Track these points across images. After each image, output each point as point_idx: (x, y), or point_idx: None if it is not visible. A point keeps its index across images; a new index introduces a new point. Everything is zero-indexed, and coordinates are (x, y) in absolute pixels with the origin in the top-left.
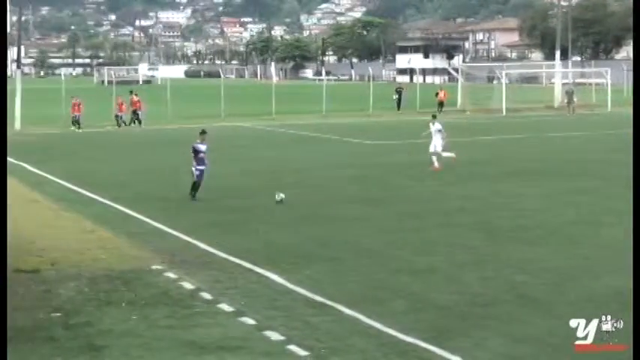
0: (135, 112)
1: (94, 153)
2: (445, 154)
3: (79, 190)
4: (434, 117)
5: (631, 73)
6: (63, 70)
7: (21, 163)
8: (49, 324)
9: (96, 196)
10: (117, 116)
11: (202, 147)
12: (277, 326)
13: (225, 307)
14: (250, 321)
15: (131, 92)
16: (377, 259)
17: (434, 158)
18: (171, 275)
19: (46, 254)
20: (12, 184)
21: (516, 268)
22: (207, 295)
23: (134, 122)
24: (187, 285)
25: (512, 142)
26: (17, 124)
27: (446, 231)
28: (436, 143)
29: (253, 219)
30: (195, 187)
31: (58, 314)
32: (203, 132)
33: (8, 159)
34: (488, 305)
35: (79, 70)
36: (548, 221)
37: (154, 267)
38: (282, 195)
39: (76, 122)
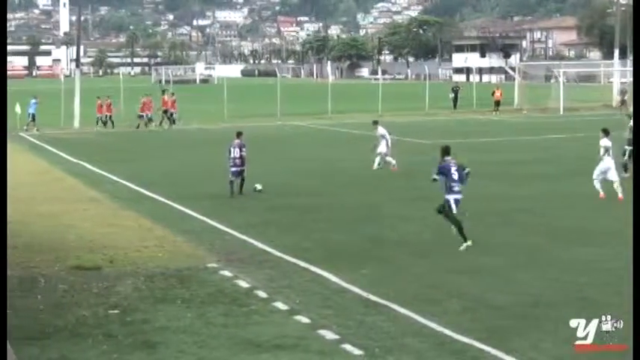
0: (166, 112)
1: (150, 152)
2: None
3: (137, 188)
4: (375, 122)
5: None
6: (121, 70)
7: (80, 162)
8: (107, 321)
9: (152, 194)
10: (140, 116)
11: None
12: (331, 325)
13: (280, 305)
14: (305, 319)
15: (164, 92)
16: (432, 259)
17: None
18: (227, 273)
19: (105, 252)
20: (72, 182)
21: (577, 270)
22: (262, 294)
23: (167, 122)
24: (242, 283)
25: (571, 141)
26: (76, 123)
27: (505, 231)
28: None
29: (308, 218)
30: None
31: (116, 311)
32: (239, 133)
33: (68, 157)
34: (545, 306)
35: (137, 69)
36: (609, 222)
37: (209, 265)
38: (259, 186)
39: (105, 121)
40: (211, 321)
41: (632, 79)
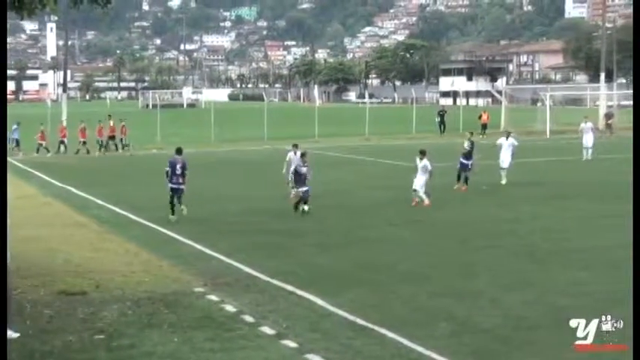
0: (112, 138)
1: (136, 176)
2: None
3: (122, 212)
4: (422, 153)
5: None
6: (108, 94)
7: (65, 186)
8: (93, 346)
9: (139, 218)
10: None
11: (304, 169)
12: (319, 349)
13: (267, 330)
14: (292, 344)
15: (109, 117)
16: (418, 282)
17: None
18: (213, 298)
19: (92, 276)
20: (58, 207)
21: (559, 292)
22: (249, 318)
23: (109, 147)
24: (229, 308)
25: (557, 164)
26: (62, 147)
27: (489, 253)
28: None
29: (294, 241)
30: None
31: (102, 336)
32: (303, 154)
33: (54, 182)
34: (530, 329)
35: (124, 93)
36: (591, 245)
37: (195, 289)
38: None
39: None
40: (198, 346)
41: (617, 102)
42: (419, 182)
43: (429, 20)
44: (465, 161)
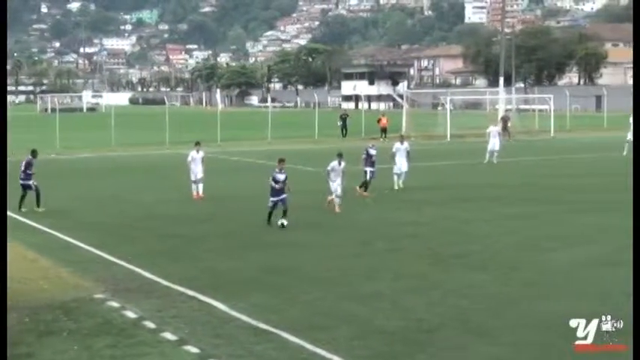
0: None
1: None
2: None
3: (20, 218)
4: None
5: (573, 99)
6: None
7: None
8: None
9: (37, 224)
10: None
11: (281, 177)
12: (221, 355)
13: (169, 335)
14: (194, 349)
15: None
16: (321, 286)
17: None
18: (114, 304)
19: None
20: None
21: (460, 294)
22: (150, 324)
23: None
24: (130, 314)
25: (457, 167)
26: None
27: (392, 257)
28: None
29: (196, 246)
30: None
31: None
32: (281, 160)
33: None
34: (432, 331)
35: (22, 97)
36: (491, 247)
37: (96, 296)
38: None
39: None
40: (99, 353)
41: (515, 106)
42: (338, 186)
43: (331, 24)
44: (371, 168)
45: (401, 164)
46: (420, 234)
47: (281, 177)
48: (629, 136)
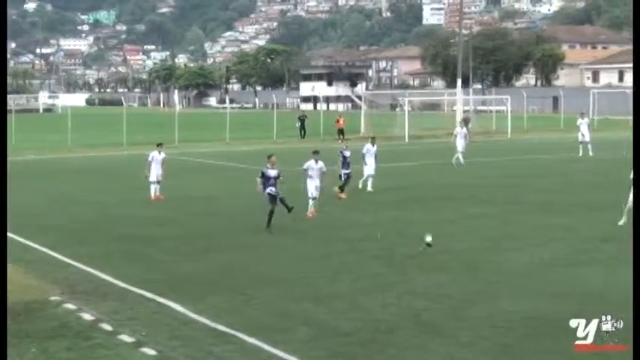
0: None
1: None
2: None
3: None
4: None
5: (531, 100)
6: None
7: None
8: None
9: None
10: None
11: (272, 172)
12: (179, 356)
13: (126, 338)
14: (152, 352)
15: None
16: (280, 287)
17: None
18: (71, 306)
19: None
20: None
21: (418, 295)
22: (107, 327)
23: None
24: (87, 316)
25: (415, 169)
26: None
27: (350, 258)
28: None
29: (153, 248)
30: (269, 216)
31: None
32: (271, 156)
33: None
34: (390, 332)
35: None
36: (450, 247)
37: (52, 298)
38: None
39: None
40: (55, 356)
41: (473, 107)
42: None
43: (289, 25)
44: (346, 170)
45: (371, 165)
46: (373, 235)
47: (273, 173)
48: (581, 137)
